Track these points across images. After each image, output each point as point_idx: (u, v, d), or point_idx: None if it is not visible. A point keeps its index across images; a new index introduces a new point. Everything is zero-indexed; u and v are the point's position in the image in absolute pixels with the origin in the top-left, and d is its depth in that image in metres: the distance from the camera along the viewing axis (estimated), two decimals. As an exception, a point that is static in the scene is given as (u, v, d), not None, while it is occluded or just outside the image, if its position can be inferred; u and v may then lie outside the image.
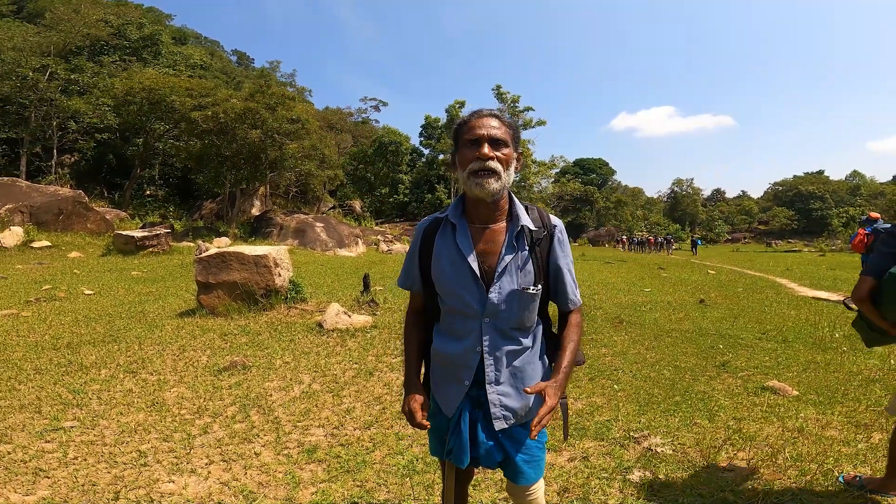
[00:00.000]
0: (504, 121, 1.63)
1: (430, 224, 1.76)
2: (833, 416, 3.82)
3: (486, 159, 1.56)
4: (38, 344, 5.90)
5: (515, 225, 1.64)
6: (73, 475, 3.00)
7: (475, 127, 1.60)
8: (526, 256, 1.63)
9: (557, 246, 1.69)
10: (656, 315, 8.14)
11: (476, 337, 1.65)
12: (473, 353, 1.66)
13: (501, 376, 1.66)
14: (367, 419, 3.86)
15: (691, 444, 3.37)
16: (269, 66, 59.41)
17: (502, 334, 1.65)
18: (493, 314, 1.63)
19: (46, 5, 34.81)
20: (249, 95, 25.20)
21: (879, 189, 70.67)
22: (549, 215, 1.73)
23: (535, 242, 1.64)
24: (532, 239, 1.64)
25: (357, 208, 41.86)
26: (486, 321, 1.64)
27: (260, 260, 7.54)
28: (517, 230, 1.63)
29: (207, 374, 4.90)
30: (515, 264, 1.62)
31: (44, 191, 18.52)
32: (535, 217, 1.69)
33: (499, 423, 1.65)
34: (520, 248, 1.63)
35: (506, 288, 1.61)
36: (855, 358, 5.47)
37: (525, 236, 1.64)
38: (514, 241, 1.63)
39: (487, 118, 1.61)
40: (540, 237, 1.65)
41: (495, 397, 1.65)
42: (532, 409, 1.69)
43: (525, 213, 1.67)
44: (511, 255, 1.62)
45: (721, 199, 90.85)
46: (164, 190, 33.59)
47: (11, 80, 25.09)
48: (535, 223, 1.66)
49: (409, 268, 1.81)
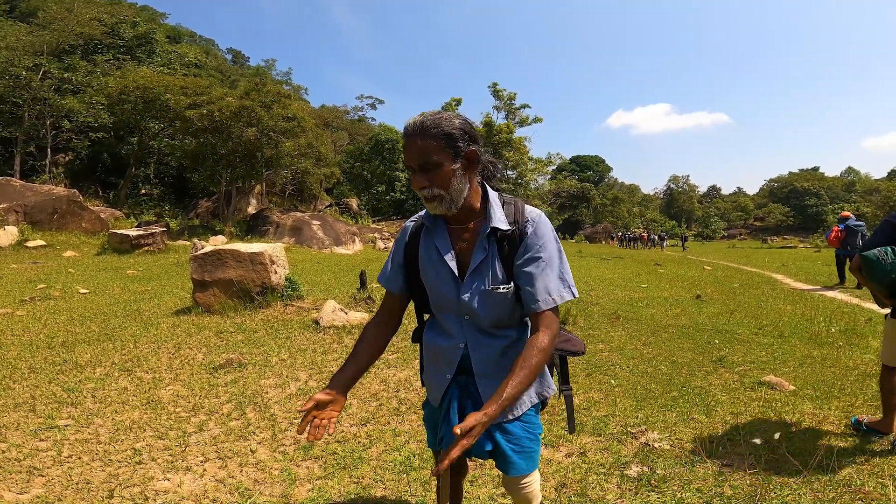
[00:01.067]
0: (431, 134, 1.49)
1: (415, 224, 1.76)
2: (830, 411, 3.82)
3: (420, 189, 1.53)
4: (33, 343, 5.87)
5: (486, 226, 1.61)
6: (68, 473, 2.98)
7: (405, 152, 1.54)
8: (494, 256, 1.60)
9: (527, 241, 1.59)
10: (653, 311, 8.14)
11: (459, 333, 1.67)
12: (457, 348, 1.67)
13: (489, 369, 1.65)
14: (363, 416, 3.85)
15: (689, 439, 3.36)
16: (265, 64, 59.20)
17: (483, 331, 1.65)
18: (470, 312, 1.63)
19: (39, 4, 34.60)
20: (245, 94, 25.13)
21: (874, 185, 70.97)
22: (525, 210, 1.64)
23: (503, 241, 1.60)
24: (500, 238, 1.60)
25: (353, 206, 41.80)
26: (465, 318, 1.65)
27: (256, 257, 7.51)
28: (488, 231, 1.60)
29: (203, 372, 4.87)
30: (485, 264, 1.61)
31: (38, 190, 18.44)
32: (509, 212, 1.63)
33: None
34: (490, 247, 1.61)
35: (477, 288, 1.60)
36: (851, 353, 5.48)
37: (495, 235, 1.61)
38: (486, 240, 1.61)
39: (412, 139, 1.50)
40: (508, 235, 1.60)
41: (485, 389, 1.65)
42: (525, 401, 1.68)
43: (500, 210, 1.62)
44: (482, 255, 1.61)
45: (717, 195, 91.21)
46: (159, 189, 33.47)
47: (5, 80, 24.99)
48: (508, 220, 1.61)
49: (390, 269, 1.80)
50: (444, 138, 1.50)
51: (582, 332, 6.55)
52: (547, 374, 1.78)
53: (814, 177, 76.18)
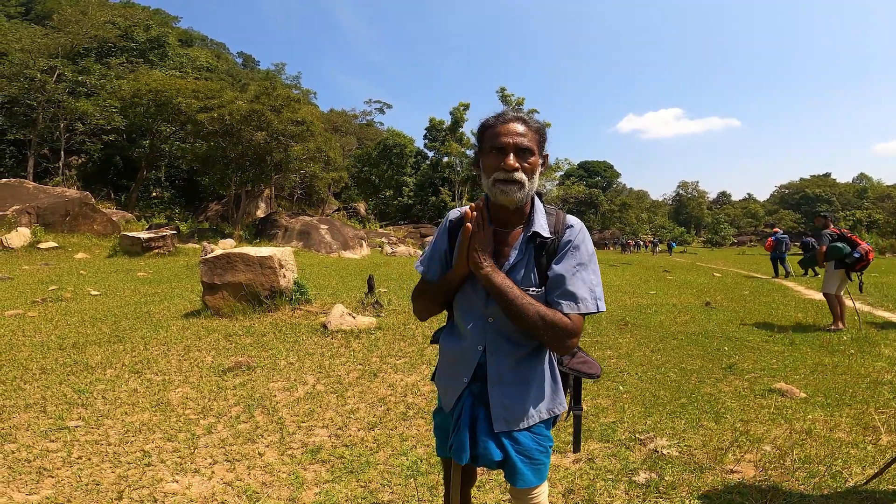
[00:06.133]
0: (530, 125, 1.58)
1: (457, 217, 1.75)
2: (841, 419, 3.78)
3: (511, 170, 1.53)
4: (44, 344, 5.92)
5: (528, 230, 1.62)
6: (77, 474, 3.00)
7: (501, 134, 1.55)
8: (531, 260, 1.61)
9: (563, 246, 1.62)
10: (661, 317, 8.10)
11: (479, 335, 1.65)
12: (475, 350, 1.66)
13: (504, 376, 1.64)
14: (370, 420, 3.85)
15: (698, 446, 3.34)
16: (275, 68, 59.70)
17: (505, 335, 1.64)
18: (495, 314, 1.62)
19: (54, 7, 35.09)
20: (255, 97, 25.29)
21: (886, 191, 70.38)
22: (566, 219, 1.66)
23: (543, 247, 1.61)
24: (539, 244, 1.61)
25: (361, 210, 41.95)
26: (489, 320, 1.64)
27: (265, 261, 7.55)
28: (529, 234, 1.61)
29: (212, 375, 4.90)
30: (520, 265, 1.61)
31: (51, 192, 18.63)
32: (551, 222, 1.65)
33: (498, 423, 1.63)
34: (528, 251, 1.62)
35: None
36: (863, 360, 5.42)
37: (535, 241, 1.62)
38: (525, 244, 1.62)
39: (513, 123, 1.55)
40: (548, 242, 1.61)
41: (497, 397, 1.63)
42: (533, 415, 1.66)
43: (543, 218, 1.64)
44: (518, 256, 1.61)
45: (727, 201, 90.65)
46: (169, 191, 33.76)
47: (19, 82, 25.30)
48: (550, 228, 1.63)
49: (431, 255, 1.77)
50: (537, 132, 1.58)
51: (590, 338, 6.53)
52: (560, 391, 1.74)
53: (825, 183, 75.65)
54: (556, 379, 1.73)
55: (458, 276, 1.63)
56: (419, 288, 1.77)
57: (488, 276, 1.53)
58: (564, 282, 1.57)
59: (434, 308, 1.76)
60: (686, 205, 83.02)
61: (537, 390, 1.66)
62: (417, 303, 1.78)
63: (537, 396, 1.66)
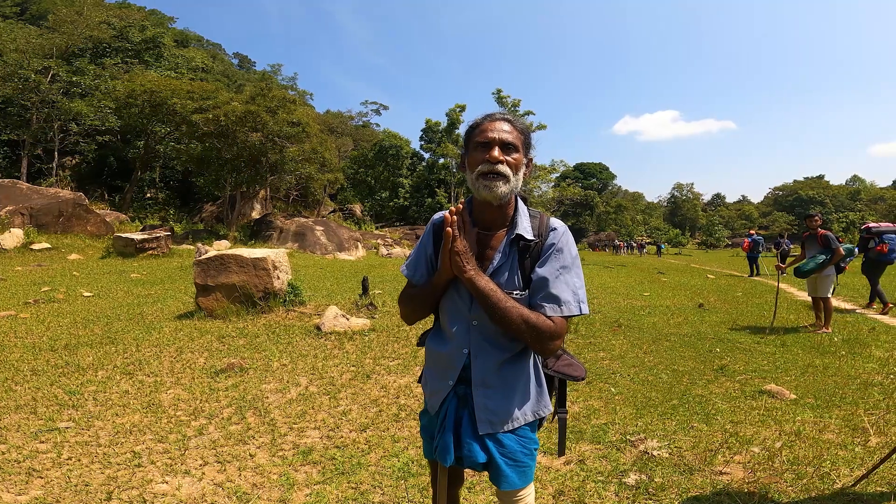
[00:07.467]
0: (516, 125, 1.63)
1: (441, 220, 1.75)
2: (831, 420, 3.81)
3: (495, 162, 1.56)
4: (36, 345, 5.90)
5: (511, 232, 1.63)
6: (67, 475, 2.99)
7: (487, 130, 1.60)
8: (515, 263, 1.62)
9: (547, 252, 1.62)
10: (655, 319, 8.13)
11: (464, 338, 1.66)
12: (460, 353, 1.66)
13: (488, 379, 1.64)
14: (363, 421, 3.85)
15: (688, 448, 3.35)
16: (271, 69, 59.48)
17: (489, 338, 1.64)
18: (479, 316, 1.62)
19: (49, 7, 34.94)
20: (250, 98, 25.20)
21: (879, 193, 70.84)
22: (549, 222, 1.68)
23: (526, 250, 1.62)
24: (523, 246, 1.62)
25: (357, 212, 41.90)
26: (473, 323, 1.65)
27: (258, 262, 7.54)
28: (512, 237, 1.63)
29: (204, 376, 4.89)
30: (504, 268, 1.62)
31: (44, 193, 18.53)
32: (535, 225, 1.66)
33: (482, 426, 1.63)
34: (511, 254, 1.63)
35: None
36: (853, 362, 5.45)
37: (518, 244, 1.63)
38: (508, 247, 1.63)
39: (500, 122, 1.61)
40: (532, 245, 1.62)
41: (480, 400, 1.64)
42: (518, 417, 1.67)
43: (526, 221, 1.66)
44: (502, 261, 1.62)
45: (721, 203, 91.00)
46: (164, 192, 33.60)
47: (13, 82, 25.13)
48: (533, 231, 1.64)
49: (416, 260, 1.79)
50: (522, 132, 1.64)
51: (583, 339, 6.55)
52: (545, 393, 1.74)
53: (819, 185, 76.11)
54: (541, 381, 1.73)
55: (443, 280, 1.64)
56: (406, 292, 1.78)
57: (472, 280, 1.54)
58: (548, 285, 1.58)
59: (421, 312, 1.76)
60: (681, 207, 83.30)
61: (522, 393, 1.67)
62: (405, 307, 1.79)
63: (522, 399, 1.67)
